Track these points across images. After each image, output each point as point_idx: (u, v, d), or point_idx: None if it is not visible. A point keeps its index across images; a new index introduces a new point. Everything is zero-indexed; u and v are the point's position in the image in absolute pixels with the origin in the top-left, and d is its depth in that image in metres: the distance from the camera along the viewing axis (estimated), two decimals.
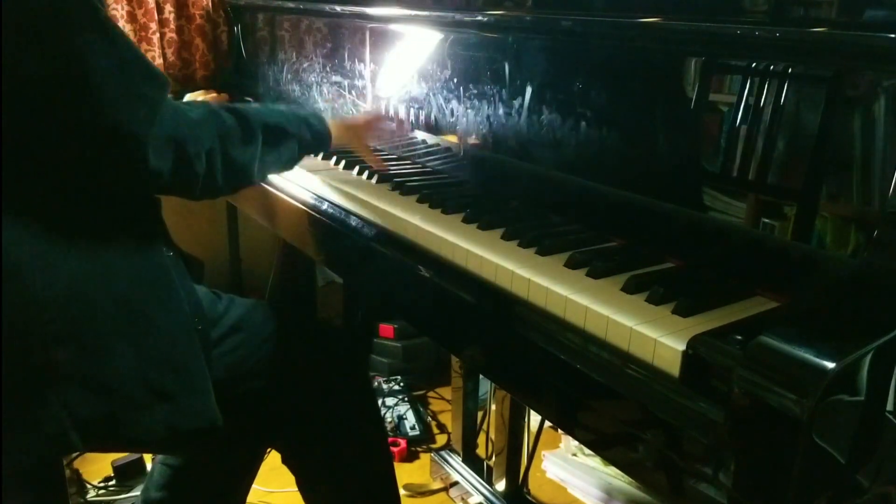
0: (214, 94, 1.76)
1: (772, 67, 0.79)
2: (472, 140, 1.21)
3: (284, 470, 1.23)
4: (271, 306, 1.17)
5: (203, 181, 0.92)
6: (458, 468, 1.79)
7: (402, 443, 2.00)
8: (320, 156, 1.42)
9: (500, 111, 1.14)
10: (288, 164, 1.10)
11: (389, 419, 2.09)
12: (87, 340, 0.87)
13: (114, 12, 2.07)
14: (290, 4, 1.79)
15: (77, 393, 0.87)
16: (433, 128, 1.30)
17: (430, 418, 2.19)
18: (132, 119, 0.83)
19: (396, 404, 2.14)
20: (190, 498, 1.27)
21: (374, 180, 1.25)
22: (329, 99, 1.65)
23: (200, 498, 1.27)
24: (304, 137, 1.09)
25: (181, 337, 0.95)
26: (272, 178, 1.39)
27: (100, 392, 0.88)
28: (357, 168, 1.32)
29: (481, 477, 1.75)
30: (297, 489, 1.23)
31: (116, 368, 0.89)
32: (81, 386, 0.87)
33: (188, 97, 1.67)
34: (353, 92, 1.55)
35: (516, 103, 1.11)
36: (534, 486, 1.80)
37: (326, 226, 1.21)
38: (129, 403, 0.90)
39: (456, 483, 1.79)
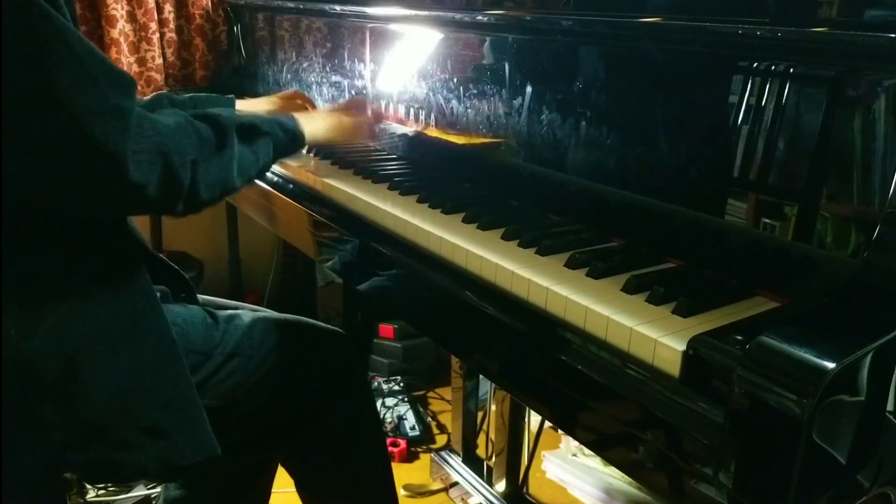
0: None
1: (772, 67, 0.79)
2: (473, 140, 1.21)
3: (284, 470, 1.23)
4: (271, 318, 1.14)
5: (187, 193, 0.87)
6: (457, 468, 1.79)
7: (402, 443, 2.00)
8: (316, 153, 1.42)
9: (501, 111, 1.14)
10: (265, 166, 1.06)
11: (389, 419, 2.09)
12: (72, 388, 0.85)
13: (113, 12, 2.07)
14: (290, 4, 1.79)
15: (66, 439, 0.85)
16: (433, 127, 1.30)
17: (430, 418, 2.19)
18: (108, 133, 0.76)
19: (396, 404, 2.14)
20: (208, 496, 1.26)
21: (372, 180, 1.25)
22: (329, 99, 1.65)
23: (219, 497, 1.26)
24: (278, 136, 1.07)
25: (170, 371, 0.92)
26: (271, 177, 1.40)
27: (89, 436, 0.87)
28: (353, 168, 1.32)
29: (481, 477, 1.75)
30: (296, 490, 1.24)
31: (104, 411, 0.87)
32: (70, 432, 0.85)
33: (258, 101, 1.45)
34: (353, 92, 1.55)
35: (516, 103, 1.11)
36: (534, 487, 1.79)
37: (326, 226, 1.21)
38: (121, 444, 0.88)
39: (456, 483, 1.79)
